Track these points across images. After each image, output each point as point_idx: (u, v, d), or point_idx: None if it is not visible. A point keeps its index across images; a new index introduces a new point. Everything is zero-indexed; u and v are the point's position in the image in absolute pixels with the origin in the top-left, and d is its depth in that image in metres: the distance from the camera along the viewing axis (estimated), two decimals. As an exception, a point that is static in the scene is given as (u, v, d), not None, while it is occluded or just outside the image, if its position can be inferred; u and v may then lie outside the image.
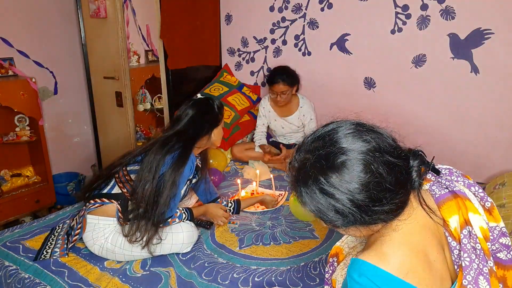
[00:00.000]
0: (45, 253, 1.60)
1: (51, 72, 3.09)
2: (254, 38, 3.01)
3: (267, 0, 2.85)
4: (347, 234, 0.84)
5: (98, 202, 1.62)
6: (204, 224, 1.89)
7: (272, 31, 2.90)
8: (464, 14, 2.13)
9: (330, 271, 0.99)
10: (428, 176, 0.86)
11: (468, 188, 0.83)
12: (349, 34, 2.57)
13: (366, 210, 0.73)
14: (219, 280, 1.49)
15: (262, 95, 3.14)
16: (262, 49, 3.00)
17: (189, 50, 2.87)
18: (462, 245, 0.76)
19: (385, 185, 0.72)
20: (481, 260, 0.75)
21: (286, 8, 2.78)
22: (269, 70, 3.01)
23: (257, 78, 3.12)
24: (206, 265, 1.59)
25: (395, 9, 2.34)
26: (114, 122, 3.19)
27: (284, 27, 2.84)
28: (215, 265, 1.59)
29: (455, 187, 0.82)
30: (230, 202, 1.97)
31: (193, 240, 1.70)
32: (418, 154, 0.78)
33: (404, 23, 2.34)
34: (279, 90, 2.54)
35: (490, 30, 2.07)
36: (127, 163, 1.69)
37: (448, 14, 2.17)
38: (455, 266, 0.79)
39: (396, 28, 2.37)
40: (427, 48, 2.29)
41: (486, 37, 2.09)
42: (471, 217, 0.78)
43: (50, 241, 1.69)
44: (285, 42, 2.86)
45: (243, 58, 3.13)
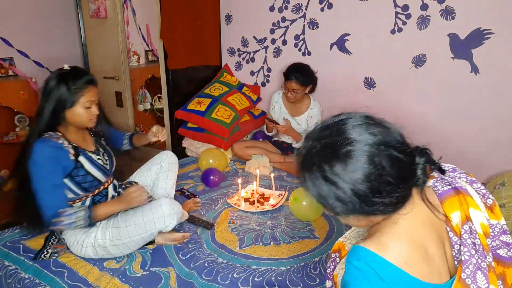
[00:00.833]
0: (45, 252, 1.60)
1: (51, 72, 3.09)
2: (254, 38, 3.01)
3: (267, 0, 2.85)
4: (347, 223, 0.85)
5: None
6: (205, 224, 1.89)
7: (272, 31, 2.90)
8: (464, 14, 2.13)
9: (332, 266, 1.00)
10: (432, 173, 0.87)
11: (470, 184, 0.84)
12: (349, 34, 2.57)
13: (366, 200, 0.75)
14: (219, 280, 1.49)
15: (262, 95, 3.14)
16: (262, 49, 3.00)
17: (189, 50, 2.87)
18: (463, 240, 0.78)
19: (386, 178, 0.74)
20: (480, 255, 0.77)
21: (286, 8, 2.78)
22: (269, 70, 3.02)
23: (257, 78, 3.12)
24: (206, 265, 1.59)
25: (395, 9, 2.34)
26: (114, 122, 3.19)
27: (284, 27, 2.84)
28: (215, 265, 1.59)
29: (457, 184, 0.83)
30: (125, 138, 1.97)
31: (174, 210, 1.64)
32: (425, 152, 0.79)
33: (404, 23, 2.34)
34: (291, 87, 2.54)
35: (490, 30, 2.07)
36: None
37: (448, 14, 2.17)
38: (455, 262, 0.80)
39: (396, 28, 2.37)
40: (427, 48, 2.29)
41: (486, 37, 2.09)
42: (472, 212, 0.79)
43: (51, 241, 1.68)
44: (285, 42, 2.86)
45: (243, 58, 3.13)
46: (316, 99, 2.70)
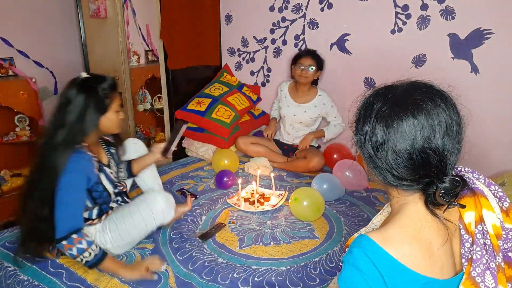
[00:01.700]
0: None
1: (51, 72, 3.10)
2: (254, 38, 3.01)
3: (267, 0, 2.85)
4: (371, 175, 0.86)
5: None
6: (215, 229, 1.87)
7: (272, 31, 2.90)
8: (464, 14, 2.13)
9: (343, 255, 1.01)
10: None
11: (488, 187, 0.85)
12: (349, 34, 2.57)
13: (376, 160, 0.79)
14: (219, 280, 1.49)
15: (262, 95, 3.14)
16: (262, 49, 2.99)
17: (189, 50, 2.87)
18: (476, 239, 0.79)
19: (410, 162, 0.76)
20: (489, 255, 0.77)
21: (286, 8, 2.78)
22: (269, 70, 3.02)
23: (257, 78, 3.12)
24: (206, 264, 1.59)
25: (395, 9, 2.34)
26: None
27: (284, 27, 2.84)
28: (215, 265, 1.59)
29: (474, 185, 0.84)
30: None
31: (170, 202, 1.66)
32: (453, 180, 0.76)
33: (404, 23, 2.34)
34: (307, 63, 2.54)
35: (490, 30, 2.07)
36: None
37: (448, 14, 2.17)
38: (463, 259, 0.81)
39: (396, 28, 2.37)
40: (427, 48, 2.29)
41: (486, 37, 2.09)
42: (485, 213, 0.80)
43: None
44: (285, 42, 2.86)
45: (243, 58, 3.13)
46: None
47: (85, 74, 1.49)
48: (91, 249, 1.41)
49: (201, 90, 3.01)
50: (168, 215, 1.66)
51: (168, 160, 2.12)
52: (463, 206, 0.78)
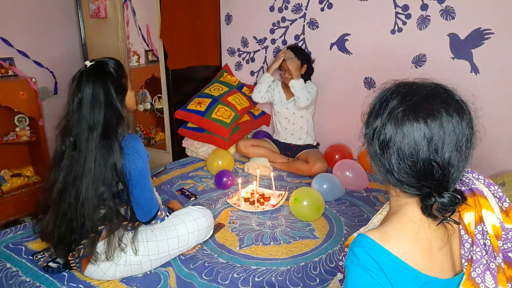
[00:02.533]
0: (39, 256, 1.55)
1: (51, 72, 3.10)
2: (254, 38, 3.01)
3: (267, 0, 2.84)
4: (373, 168, 0.86)
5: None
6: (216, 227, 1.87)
7: (272, 31, 2.90)
8: (464, 14, 2.13)
9: (345, 259, 1.01)
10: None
11: (487, 187, 0.85)
12: (349, 34, 2.57)
13: (380, 159, 0.80)
14: (219, 280, 1.49)
15: (262, 95, 3.13)
16: (262, 49, 2.99)
17: (189, 50, 2.87)
18: (476, 240, 0.79)
19: (414, 169, 0.75)
20: (489, 256, 0.78)
21: (286, 8, 2.78)
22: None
23: (257, 78, 3.12)
24: (206, 265, 1.59)
25: (395, 9, 2.34)
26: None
27: (284, 27, 2.84)
28: (215, 265, 1.59)
29: (474, 185, 0.85)
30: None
31: (212, 220, 1.69)
32: (453, 196, 0.75)
33: (404, 23, 2.34)
34: (285, 65, 2.55)
35: (490, 30, 2.07)
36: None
37: (448, 14, 2.17)
38: (463, 260, 0.81)
39: (396, 28, 2.37)
40: (427, 48, 2.29)
41: (486, 37, 2.09)
42: (484, 214, 0.80)
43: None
44: (285, 42, 2.86)
45: (243, 58, 3.13)
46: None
47: (89, 62, 1.44)
48: (163, 213, 1.55)
49: (201, 90, 3.01)
50: (209, 233, 1.67)
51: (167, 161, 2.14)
52: (457, 223, 0.78)
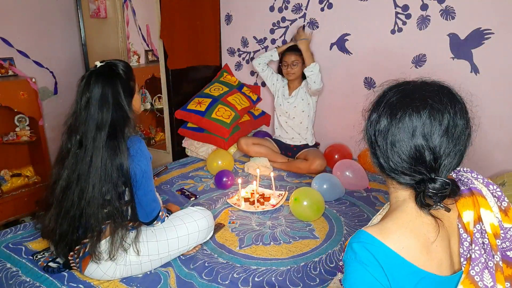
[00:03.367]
0: (39, 256, 1.56)
1: (51, 72, 3.10)
2: (254, 38, 3.01)
3: (267, 0, 2.85)
4: (371, 161, 0.88)
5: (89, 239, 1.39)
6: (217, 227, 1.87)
7: (272, 31, 2.90)
8: (464, 14, 2.13)
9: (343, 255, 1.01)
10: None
11: (486, 186, 0.86)
12: (349, 34, 2.57)
13: (375, 147, 0.83)
14: (219, 280, 1.49)
15: (262, 95, 3.14)
16: (262, 49, 2.99)
17: (189, 50, 2.87)
18: (475, 238, 0.80)
19: (402, 156, 0.79)
20: (488, 254, 0.78)
21: (286, 8, 2.78)
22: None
23: (257, 78, 3.12)
24: (206, 265, 1.59)
25: (395, 9, 2.34)
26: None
27: (284, 27, 2.84)
28: (215, 265, 1.59)
29: (473, 185, 0.86)
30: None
31: (213, 221, 1.69)
32: (444, 182, 0.76)
33: (404, 23, 2.34)
34: (290, 60, 2.55)
35: (490, 30, 2.07)
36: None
37: (448, 14, 2.17)
38: (462, 258, 0.82)
39: (396, 28, 2.37)
40: (427, 48, 2.29)
41: (486, 37, 2.09)
42: (483, 213, 0.81)
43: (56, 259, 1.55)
44: (285, 42, 2.86)
45: (243, 58, 3.13)
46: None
47: (99, 63, 1.43)
48: (164, 214, 1.56)
49: (201, 90, 3.01)
50: (210, 234, 1.68)
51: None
52: (448, 210, 0.79)
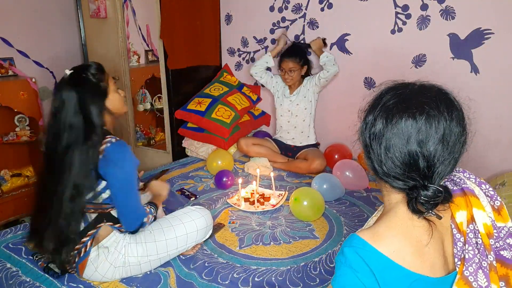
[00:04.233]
0: (39, 256, 1.54)
1: (51, 72, 3.10)
2: (254, 38, 3.01)
3: (267, 0, 2.84)
4: (365, 162, 0.88)
5: (82, 246, 1.40)
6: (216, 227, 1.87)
7: (272, 31, 2.90)
8: (464, 14, 2.13)
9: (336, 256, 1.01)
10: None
11: (479, 186, 0.86)
12: (349, 34, 2.57)
13: (369, 150, 0.83)
14: (219, 280, 1.49)
15: (262, 95, 3.14)
16: (262, 49, 2.99)
17: (189, 50, 2.87)
18: (468, 238, 0.80)
19: (397, 161, 0.78)
20: (481, 254, 0.78)
21: (286, 8, 2.78)
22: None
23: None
24: (206, 265, 1.59)
25: (395, 9, 2.34)
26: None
27: (284, 27, 2.84)
28: (215, 265, 1.59)
29: (465, 185, 0.85)
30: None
31: (211, 220, 1.68)
32: (436, 190, 0.75)
33: (404, 23, 2.34)
34: (287, 67, 2.55)
35: (490, 30, 2.07)
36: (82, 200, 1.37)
37: (448, 14, 2.17)
38: (456, 259, 0.81)
39: (396, 28, 2.37)
40: (427, 48, 2.29)
41: (486, 37, 2.09)
42: (475, 212, 0.81)
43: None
44: (285, 42, 2.86)
45: (243, 58, 3.13)
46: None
47: (68, 71, 1.42)
48: (152, 216, 1.52)
49: (201, 90, 3.01)
50: (208, 234, 1.67)
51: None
52: (440, 217, 0.78)
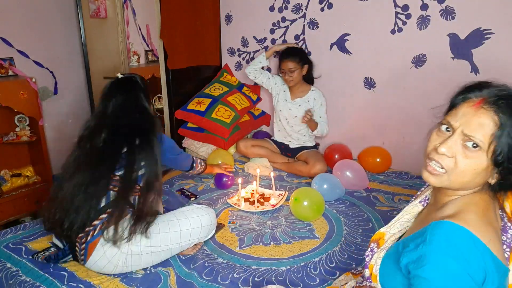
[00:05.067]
0: (39, 254, 1.54)
1: (51, 72, 3.09)
2: (254, 38, 3.01)
3: (267, 0, 2.85)
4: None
5: (99, 222, 1.42)
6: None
7: (272, 31, 2.90)
8: (464, 14, 2.13)
9: (370, 256, 1.01)
10: None
11: None
12: (349, 34, 2.58)
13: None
14: (219, 280, 1.49)
15: (262, 95, 3.14)
16: (262, 49, 2.99)
17: (189, 50, 2.87)
18: None
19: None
20: None
21: (286, 8, 2.78)
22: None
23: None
24: (206, 265, 1.59)
25: (395, 9, 2.34)
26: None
27: (284, 27, 2.84)
28: (215, 265, 1.59)
29: None
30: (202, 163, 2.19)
31: (215, 219, 1.72)
32: None
33: (404, 23, 2.34)
34: (287, 67, 2.53)
35: (490, 30, 2.07)
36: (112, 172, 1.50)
37: (448, 14, 2.18)
38: (504, 245, 0.81)
39: (396, 28, 2.37)
40: (427, 48, 2.29)
41: (486, 37, 2.09)
42: None
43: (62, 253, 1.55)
44: (285, 42, 2.86)
45: (243, 58, 3.13)
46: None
47: (120, 75, 1.74)
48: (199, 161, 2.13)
49: (201, 90, 3.01)
50: (212, 232, 1.69)
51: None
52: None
